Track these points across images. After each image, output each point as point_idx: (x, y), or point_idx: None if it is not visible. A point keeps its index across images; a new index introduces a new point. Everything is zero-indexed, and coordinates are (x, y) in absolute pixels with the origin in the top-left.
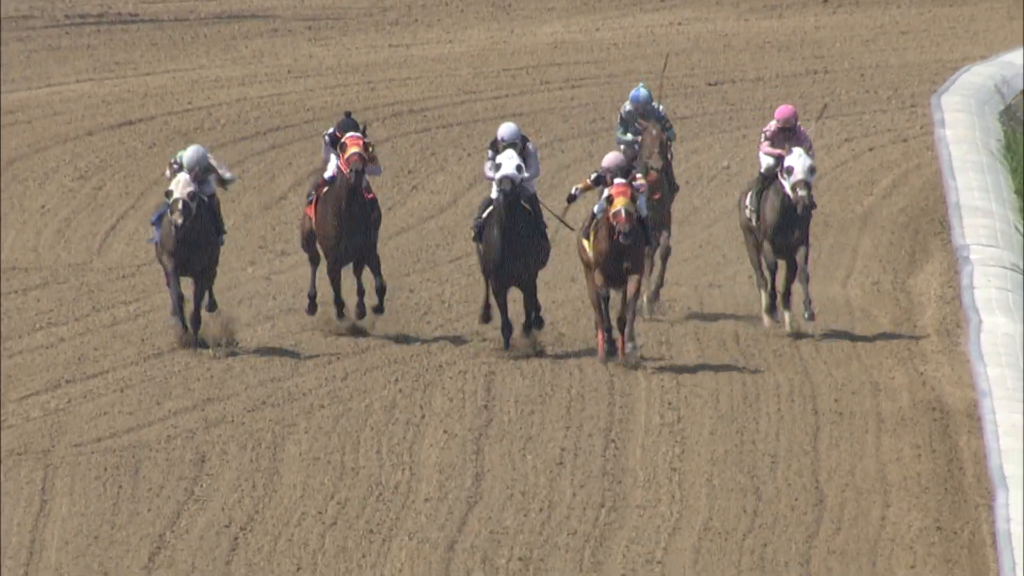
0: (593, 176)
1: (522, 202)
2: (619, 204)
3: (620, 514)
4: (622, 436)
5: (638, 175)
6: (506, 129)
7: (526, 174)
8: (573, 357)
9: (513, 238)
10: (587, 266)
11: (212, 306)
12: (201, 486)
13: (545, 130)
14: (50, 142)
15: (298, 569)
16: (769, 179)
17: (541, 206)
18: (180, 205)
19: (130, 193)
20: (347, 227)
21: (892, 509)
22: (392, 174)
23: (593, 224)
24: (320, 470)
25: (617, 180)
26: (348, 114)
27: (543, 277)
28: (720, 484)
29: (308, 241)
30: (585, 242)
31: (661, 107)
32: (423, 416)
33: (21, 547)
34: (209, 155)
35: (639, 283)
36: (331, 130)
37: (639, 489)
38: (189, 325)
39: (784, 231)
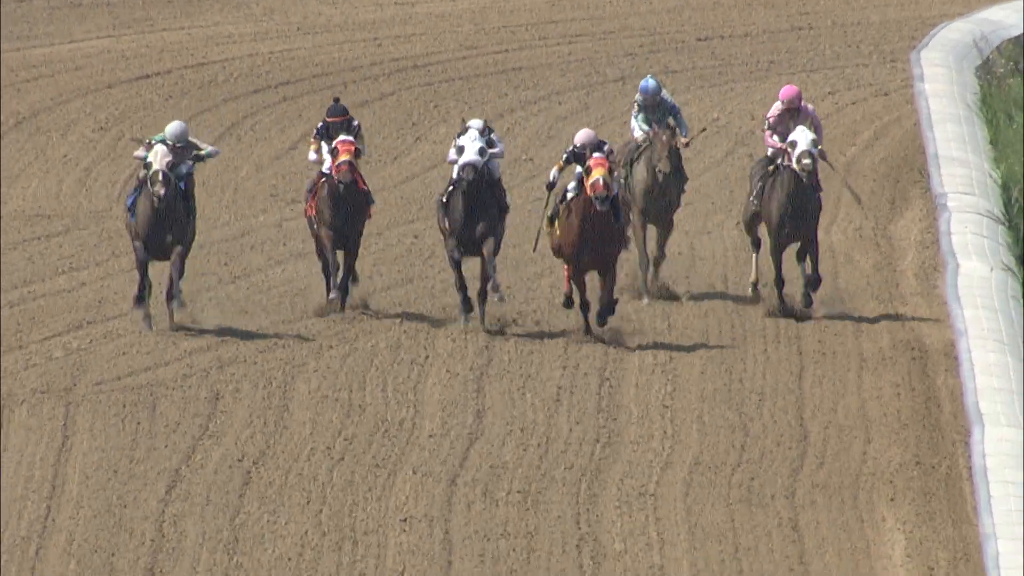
0: (565, 154)
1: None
2: (597, 174)
3: (614, 449)
4: (616, 375)
5: (606, 147)
6: (475, 122)
7: (493, 150)
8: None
9: (475, 214)
10: (556, 251)
11: (179, 275)
12: (215, 423)
13: (543, 83)
14: (72, 95)
15: (308, 502)
16: (773, 167)
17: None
18: (160, 176)
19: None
20: (341, 220)
21: (873, 444)
22: (397, 126)
23: (565, 204)
24: (328, 407)
25: (596, 154)
26: (336, 100)
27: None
28: (709, 421)
29: (312, 230)
30: (556, 226)
31: (671, 98)
32: (427, 356)
33: (44, 481)
34: (190, 133)
35: (615, 268)
36: (320, 123)
37: (632, 425)
38: (162, 305)
39: (790, 223)
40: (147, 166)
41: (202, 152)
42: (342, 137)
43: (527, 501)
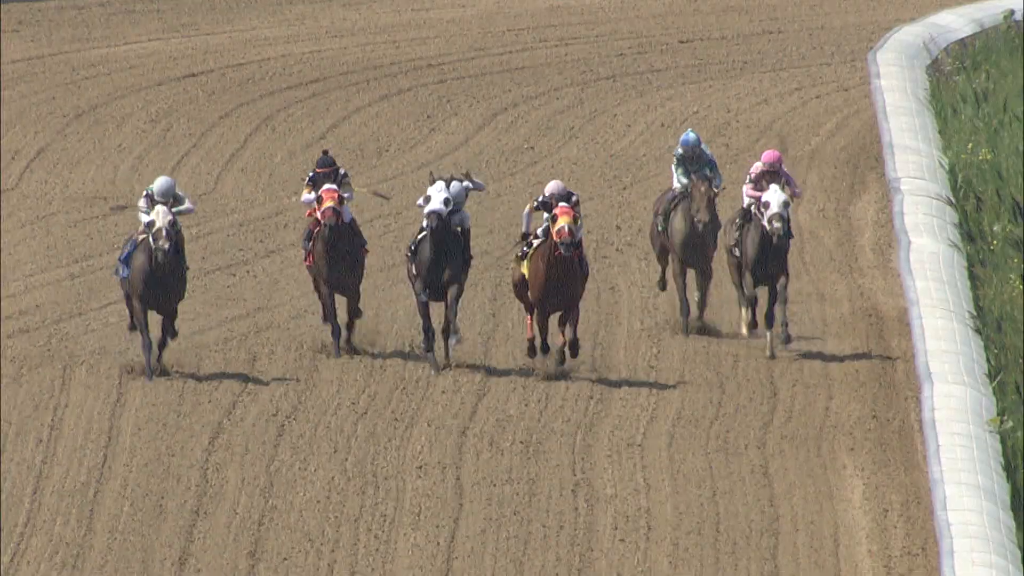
0: (538, 201)
1: (454, 228)
2: (563, 222)
3: (606, 404)
4: (607, 339)
5: (574, 199)
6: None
7: (467, 184)
8: None
9: (442, 259)
10: (516, 286)
11: (173, 334)
12: (252, 381)
13: (543, 81)
14: (126, 91)
15: (335, 451)
16: (750, 215)
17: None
18: (164, 233)
19: (193, 134)
20: (334, 264)
21: (835, 400)
22: (413, 118)
23: (533, 250)
24: (353, 367)
25: (561, 203)
26: (325, 152)
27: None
28: (691, 379)
29: (313, 279)
30: (524, 266)
31: (709, 151)
32: (439, 323)
33: (101, 432)
34: (177, 186)
35: (578, 307)
36: (311, 173)
37: (622, 384)
38: (156, 352)
39: (764, 264)
40: (149, 225)
41: (181, 208)
42: (326, 186)
43: (529, 450)
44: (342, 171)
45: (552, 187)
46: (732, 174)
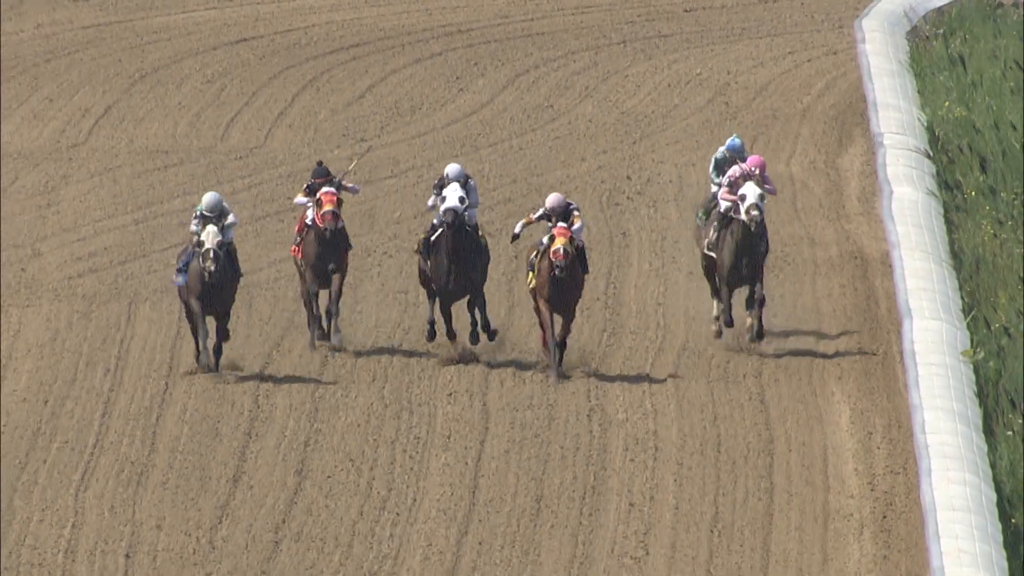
0: (538, 214)
1: (466, 227)
2: (558, 243)
3: (617, 337)
4: (619, 278)
5: (576, 214)
6: (452, 168)
7: (468, 203)
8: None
9: (458, 260)
10: (532, 293)
11: (226, 336)
12: (299, 317)
13: (561, 45)
14: (185, 55)
15: (373, 379)
16: (727, 219)
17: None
18: (211, 254)
19: (245, 93)
20: (324, 262)
21: (824, 334)
22: (444, 80)
23: (538, 257)
24: (389, 305)
25: (559, 224)
26: (320, 163)
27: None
28: (694, 315)
29: (299, 270)
30: (530, 273)
31: (749, 153)
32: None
33: (163, 363)
34: (224, 200)
35: (574, 312)
36: (309, 182)
37: (632, 318)
38: (211, 355)
39: (739, 269)
40: (199, 244)
41: (227, 221)
42: (325, 189)
43: (549, 379)
44: (336, 179)
45: (552, 200)
46: (731, 130)
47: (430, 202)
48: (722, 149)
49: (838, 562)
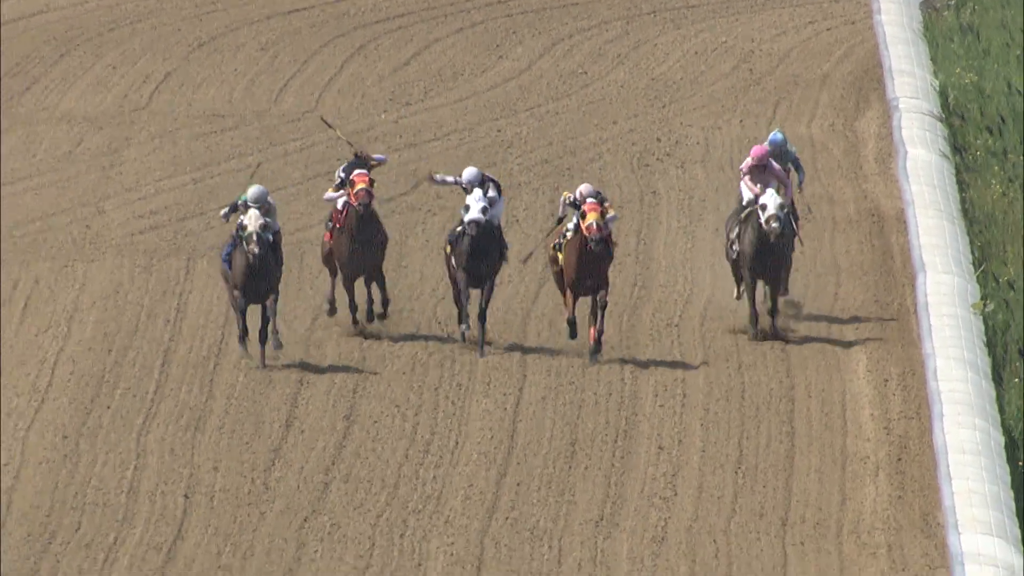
0: (570, 200)
1: (490, 230)
2: (591, 218)
3: (648, 291)
4: (648, 235)
5: (608, 204)
6: (468, 173)
7: (492, 211)
8: (613, 183)
9: (482, 257)
10: (556, 275)
11: (273, 312)
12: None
13: (595, 15)
14: (240, 24)
15: (417, 330)
16: (749, 212)
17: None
18: (255, 237)
19: (297, 60)
20: (358, 247)
21: (843, 287)
22: (485, 47)
23: (567, 240)
24: (434, 260)
25: (589, 199)
26: (356, 155)
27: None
28: (719, 270)
29: (327, 258)
30: (559, 255)
31: (793, 149)
32: (510, 221)
33: (220, 314)
34: (269, 195)
35: (606, 291)
36: (342, 171)
37: (661, 273)
38: (258, 343)
39: (761, 261)
40: (242, 228)
41: (270, 219)
42: (357, 171)
43: (582, 329)
44: (360, 155)
45: (584, 189)
46: (755, 95)
47: (462, 211)
48: (774, 135)
49: (855, 502)
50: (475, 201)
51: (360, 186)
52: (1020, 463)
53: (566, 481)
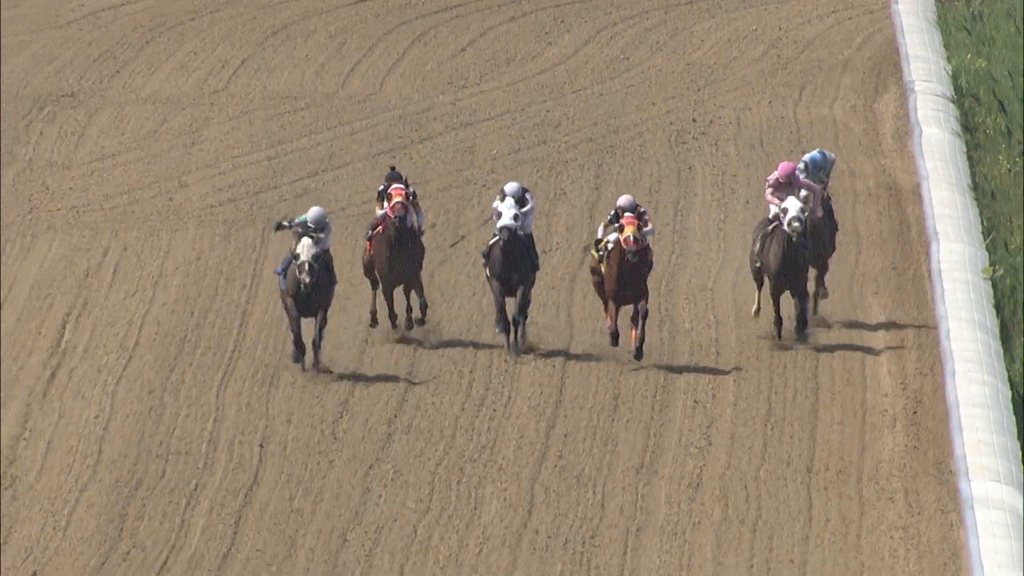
0: (610, 215)
1: (521, 236)
2: (628, 231)
3: (684, 258)
4: (685, 207)
5: (646, 216)
6: (510, 186)
7: (523, 220)
8: (652, 160)
9: (513, 265)
10: (596, 285)
11: (324, 323)
12: None
13: (635, 5)
14: (311, 13)
15: (473, 295)
16: (775, 226)
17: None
18: (307, 267)
19: (362, 47)
20: (396, 257)
21: (862, 254)
22: (534, 34)
23: (607, 252)
24: (488, 234)
25: (627, 213)
26: (393, 168)
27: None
28: (751, 241)
29: (368, 269)
30: (602, 266)
31: (828, 175)
32: (555, 194)
33: (268, 284)
34: (328, 216)
35: (646, 300)
36: (382, 186)
37: (696, 242)
38: (309, 351)
39: (785, 275)
40: (296, 256)
41: (323, 235)
42: (395, 185)
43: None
44: (412, 189)
45: (623, 201)
46: (783, 79)
47: (494, 218)
48: (812, 154)
49: (874, 451)
50: (507, 208)
51: (396, 199)
52: None
53: (609, 432)
